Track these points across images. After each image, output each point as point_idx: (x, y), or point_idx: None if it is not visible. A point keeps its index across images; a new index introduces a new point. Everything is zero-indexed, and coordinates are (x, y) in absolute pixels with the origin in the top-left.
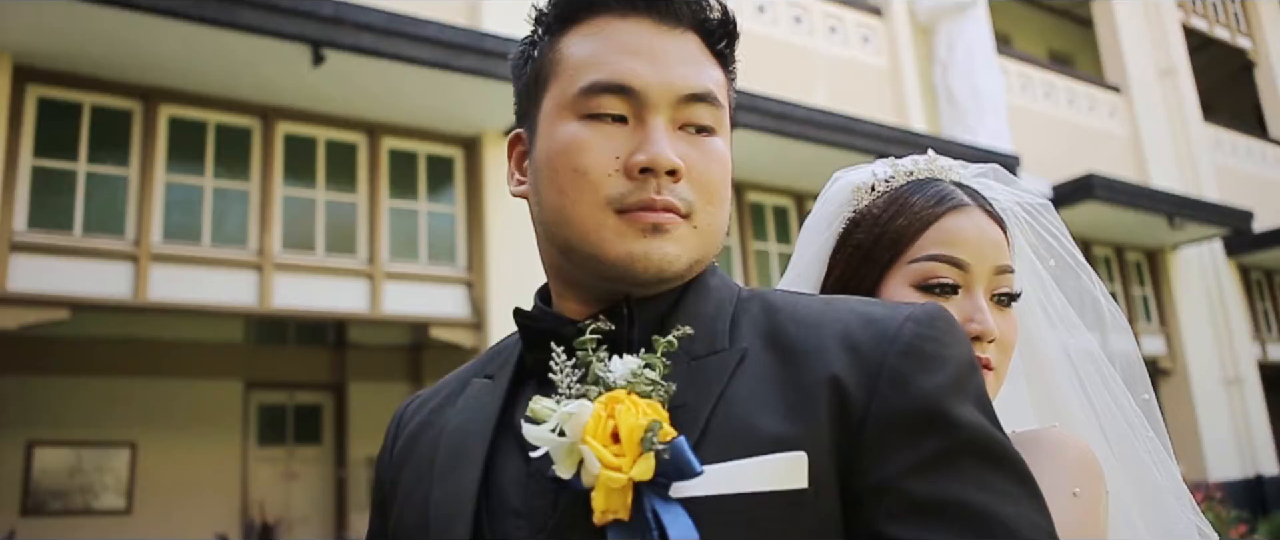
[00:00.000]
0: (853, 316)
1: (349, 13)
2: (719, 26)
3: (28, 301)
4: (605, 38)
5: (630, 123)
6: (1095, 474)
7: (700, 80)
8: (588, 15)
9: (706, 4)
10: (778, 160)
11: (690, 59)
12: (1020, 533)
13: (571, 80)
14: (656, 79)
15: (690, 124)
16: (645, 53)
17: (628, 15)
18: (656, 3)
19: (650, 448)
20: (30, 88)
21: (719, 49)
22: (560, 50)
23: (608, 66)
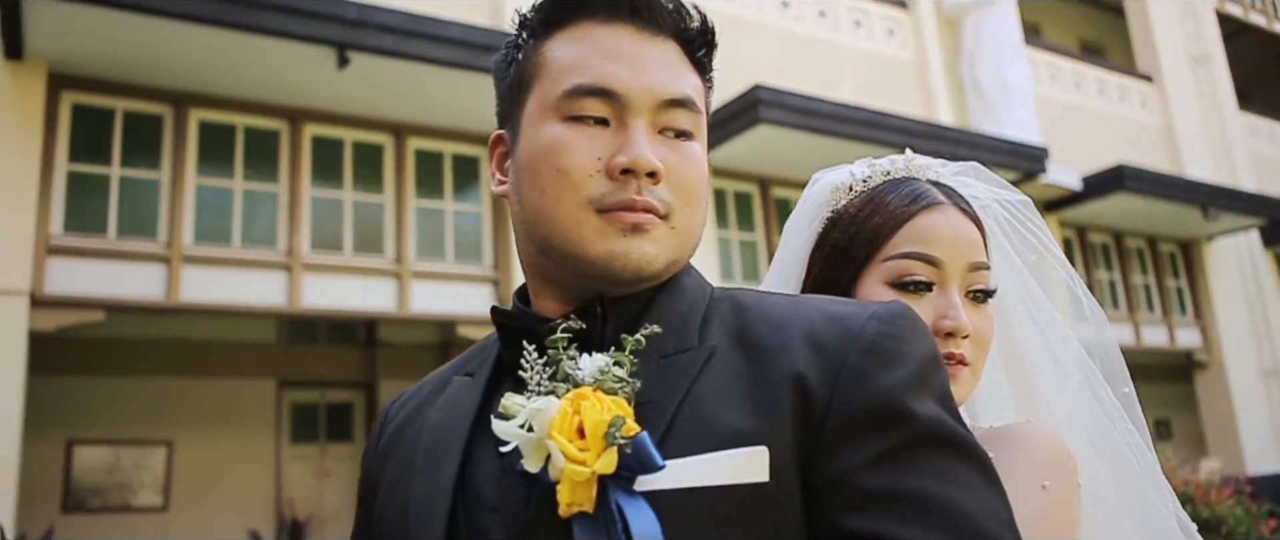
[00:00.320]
0: (819, 315)
1: (372, 15)
2: (698, 35)
3: (64, 304)
4: (589, 43)
5: (612, 125)
6: (1067, 467)
7: (680, 86)
8: (572, 20)
9: (686, 13)
10: (804, 155)
11: (670, 65)
12: (975, 519)
13: (555, 83)
14: (638, 84)
15: (669, 128)
16: (627, 58)
17: (610, 21)
18: (639, 10)
19: (613, 442)
20: (65, 94)
21: (698, 57)
22: (544, 54)
23: (591, 70)
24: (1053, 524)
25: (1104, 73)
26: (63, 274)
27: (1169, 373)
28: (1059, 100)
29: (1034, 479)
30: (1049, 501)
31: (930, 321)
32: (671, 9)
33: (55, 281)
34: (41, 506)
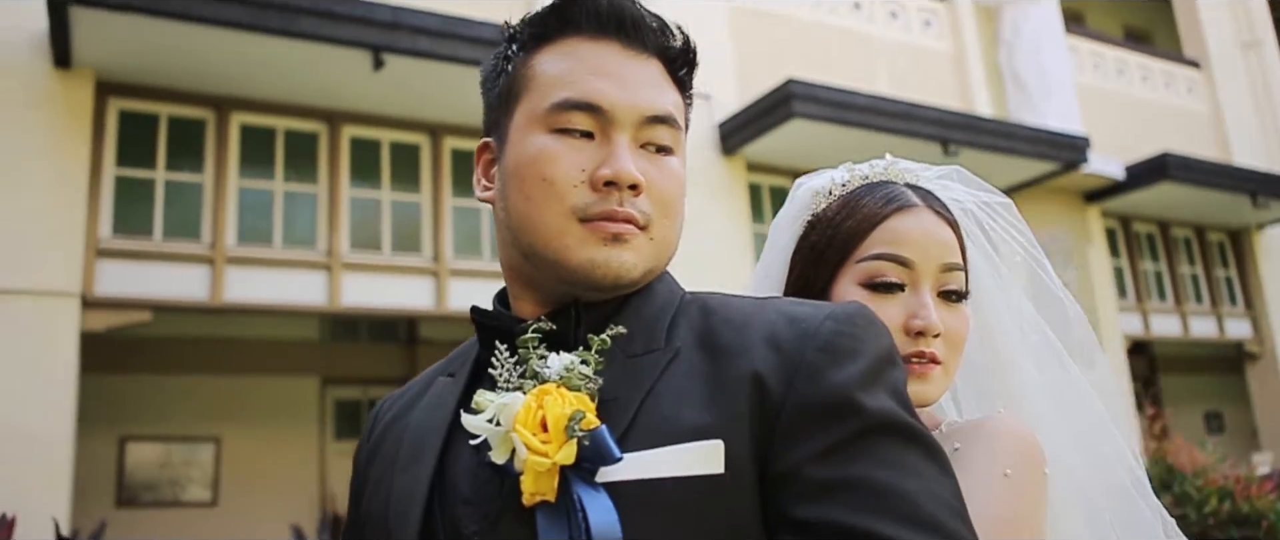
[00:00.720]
0: (779, 317)
1: (406, 17)
2: (680, 54)
3: (113, 304)
4: (577, 58)
5: (596, 139)
6: (1029, 456)
7: (662, 103)
8: (560, 35)
9: (670, 33)
10: (839, 148)
11: (654, 83)
12: (920, 504)
13: (543, 96)
14: (623, 100)
15: (651, 143)
16: (613, 75)
17: (598, 39)
18: (625, 29)
19: (573, 435)
20: (111, 101)
21: (680, 76)
22: (533, 67)
23: (578, 85)
24: (1014, 511)
25: (1148, 60)
26: (111, 276)
27: (1219, 364)
28: (1101, 89)
29: (995, 468)
30: (1010, 489)
31: (901, 320)
32: (656, 28)
33: (104, 283)
34: (96, 501)
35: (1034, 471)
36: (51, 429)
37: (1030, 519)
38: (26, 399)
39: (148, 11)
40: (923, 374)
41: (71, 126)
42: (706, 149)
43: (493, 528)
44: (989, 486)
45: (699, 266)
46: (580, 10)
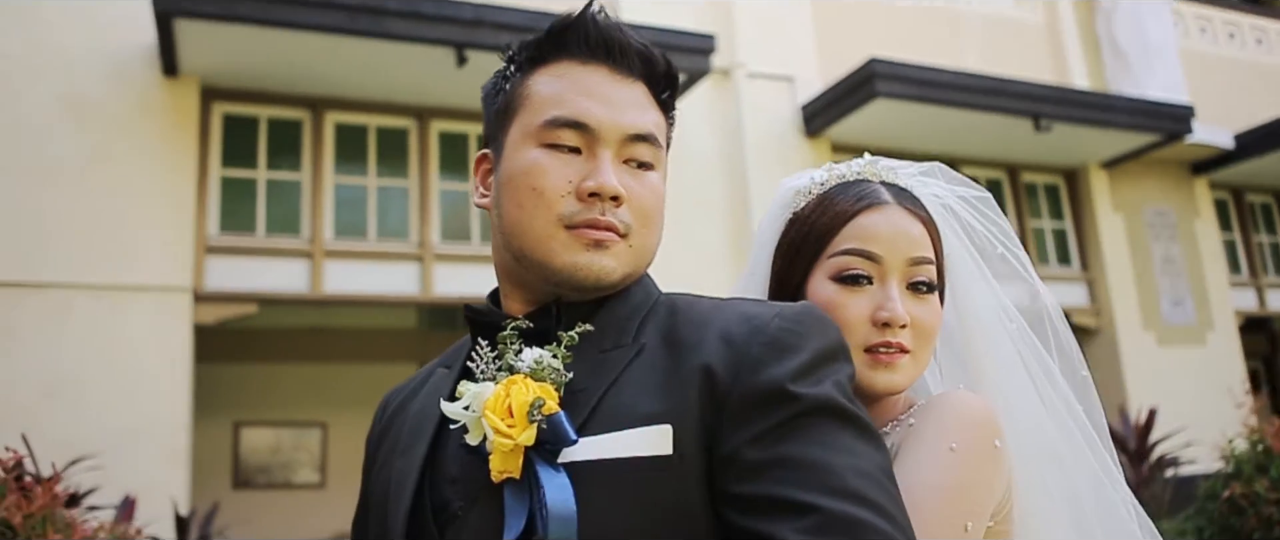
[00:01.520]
0: (735, 315)
1: (488, 14)
2: (663, 78)
3: (222, 298)
4: (569, 80)
5: (583, 154)
6: (976, 429)
7: (645, 123)
8: (555, 58)
9: (654, 59)
10: (928, 127)
11: (638, 104)
12: (842, 475)
13: (536, 113)
14: (609, 119)
15: (633, 159)
16: (600, 96)
17: (588, 62)
18: (613, 54)
19: (534, 419)
20: (215, 105)
21: (662, 98)
22: (529, 86)
23: (569, 105)
24: (957, 480)
25: (1264, 21)
26: (219, 271)
27: None
28: (1209, 54)
29: (943, 442)
30: (955, 461)
31: (869, 312)
32: (641, 55)
33: (213, 278)
34: (214, 483)
35: (980, 445)
36: (170, 416)
37: (973, 488)
38: (146, 389)
39: (246, 20)
40: (889, 363)
41: (180, 131)
42: (790, 131)
43: (474, 503)
44: (936, 459)
45: None
46: (573, 36)
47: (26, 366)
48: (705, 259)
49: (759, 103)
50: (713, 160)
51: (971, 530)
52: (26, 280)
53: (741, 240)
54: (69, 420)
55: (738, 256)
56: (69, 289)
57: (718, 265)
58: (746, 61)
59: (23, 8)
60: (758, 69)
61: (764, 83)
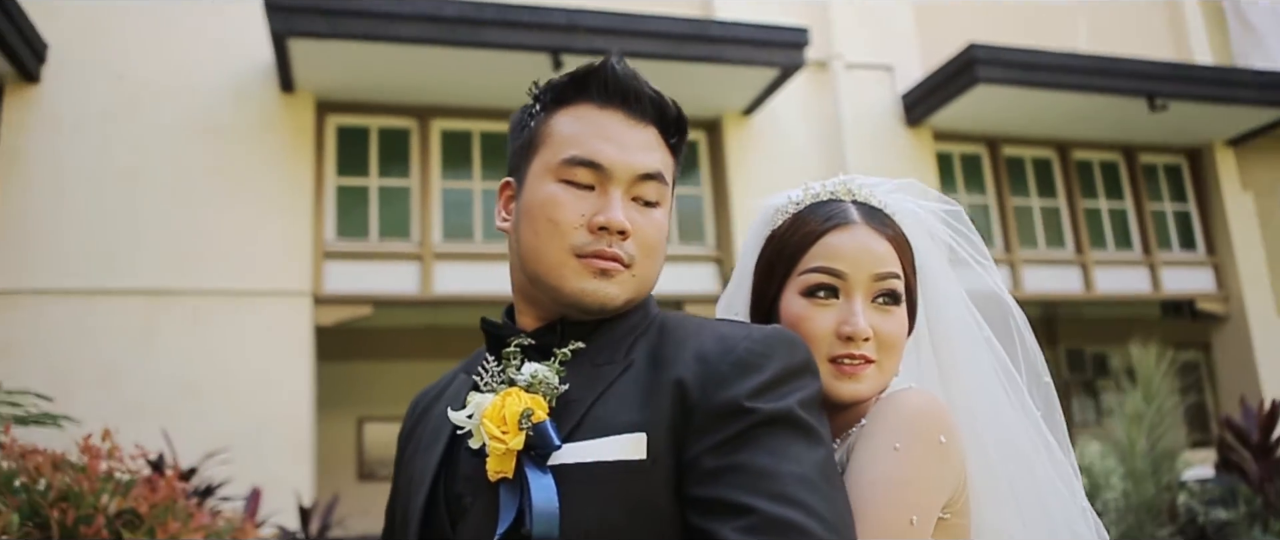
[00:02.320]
0: (712, 336)
1: (581, 19)
2: (673, 123)
3: (339, 300)
4: (587, 122)
5: (596, 190)
6: (919, 428)
7: (652, 164)
8: (576, 101)
9: (665, 106)
10: (1037, 110)
11: (648, 147)
12: (784, 481)
13: (556, 151)
14: (620, 160)
15: (640, 197)
16: (614, 139)
17: (606, 107)
18: (628, 100)
19: (523, 427)
20: (329, 118)
21: (672, 141)
22: (552, 125)
23: (585, 145)
24: (902, 475)
25: None
26: (336, 275)
27: None
28: None
29: (888, 441)
30: (899, 460)
31: (834, 326)
32: (654, 102)
33: (331, 281)
34: (339, 476)
35: (923, 442)
36: (294, 412)
37: (917, 483)
38: (271, 387)
39: (353, 37)
40: (853, 374)
41: (297, 144)
42: (890, 121)
43: (480, 499)
44: (881, 457)
45: None
46: (593, 82)
47: (167, 368)
48: None
49: (858, 93)
50: (811, 154)
51: (918, 524)
52: (166, 288)
53: None
54: (204, 417)
55: None
56: (202, 295)
57: None
58: (843, 52)
59: (158, 40)
60: (856, 59)
61: (862, 73)
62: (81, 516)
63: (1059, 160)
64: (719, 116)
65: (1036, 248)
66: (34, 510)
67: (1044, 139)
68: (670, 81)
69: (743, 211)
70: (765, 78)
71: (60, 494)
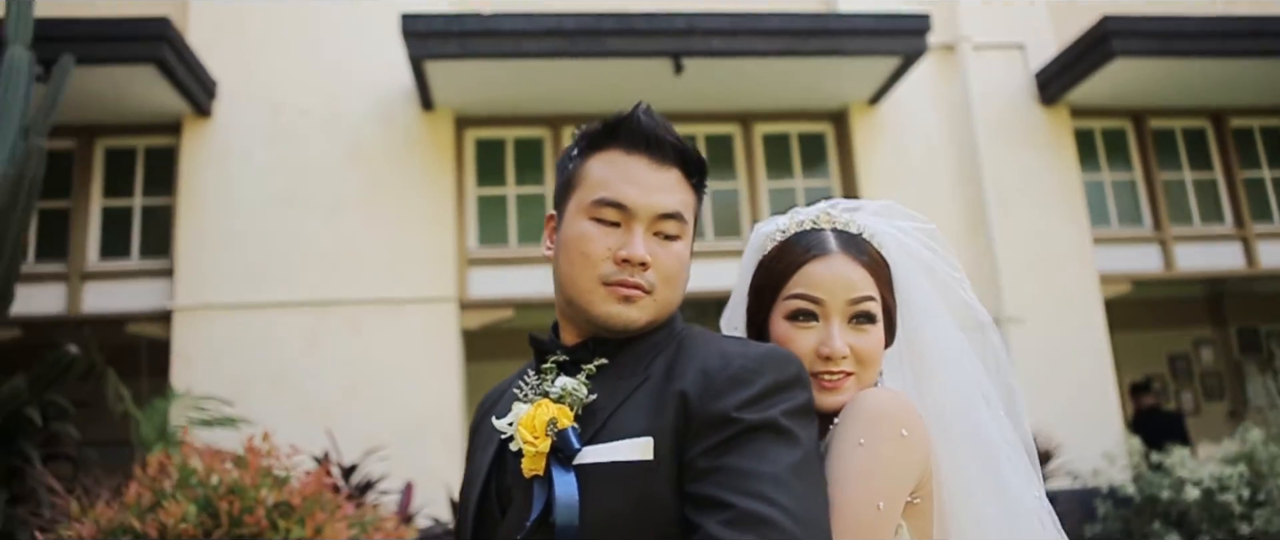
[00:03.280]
0: (715, 352)
1: (699, 22)
2: (694, 165)
3: (483, 305)
4: (615, 167)
5: (622, 227)
6: (882, 424)
7: (672, 204)
8: (607, 147)
9: (685, 151)
10: (1179, 81)
11: (669, 188)
12: (759, 481)
13: (589, 192)
14: (642, 201)
15: (661, 232)
16: (638, 182)
17: (631, 152)
18: (652, 147)
19: (549, 433)
20: (467, 132)
21: (693, 181)
22: (586, 168)
23: (612, 188)
24: (866, 468)
25: None
26: (479, 281)
27: None
28: None
29: (854, 438)
30: (863, 454)
31: (814, 346)
32: (674, 147)
33: (475, 287)
34: None
35: (885, 437)
36: (445, 411)
37: (880, 474)
38: (422, 388)
39: (484, 56)
40: (833, 388)
41: (439, 158)
42: (1024, 102)
43: (520, 492)
44: (848, 452)
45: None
46: (621, 131)
47: (329, 372)
48: None
49: (988, 75)
50: (940, 140)
51: (884, 508)
52: (326, 299)
53: (975, 220)
54: (364, 417)
55: (973, 236)
56: (359, 304)
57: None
58: (971, 34)
59: (308, 73)
60: (984, 40)
61: (992, 53)
62: (245, 507)
63: (1213, 130)
64: (845, 107)
65: (1191, 223)
66: (207, 502)
67: (1195, 108)
68: (791, 76)
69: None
70: (888, 66)
71: (228, 488)
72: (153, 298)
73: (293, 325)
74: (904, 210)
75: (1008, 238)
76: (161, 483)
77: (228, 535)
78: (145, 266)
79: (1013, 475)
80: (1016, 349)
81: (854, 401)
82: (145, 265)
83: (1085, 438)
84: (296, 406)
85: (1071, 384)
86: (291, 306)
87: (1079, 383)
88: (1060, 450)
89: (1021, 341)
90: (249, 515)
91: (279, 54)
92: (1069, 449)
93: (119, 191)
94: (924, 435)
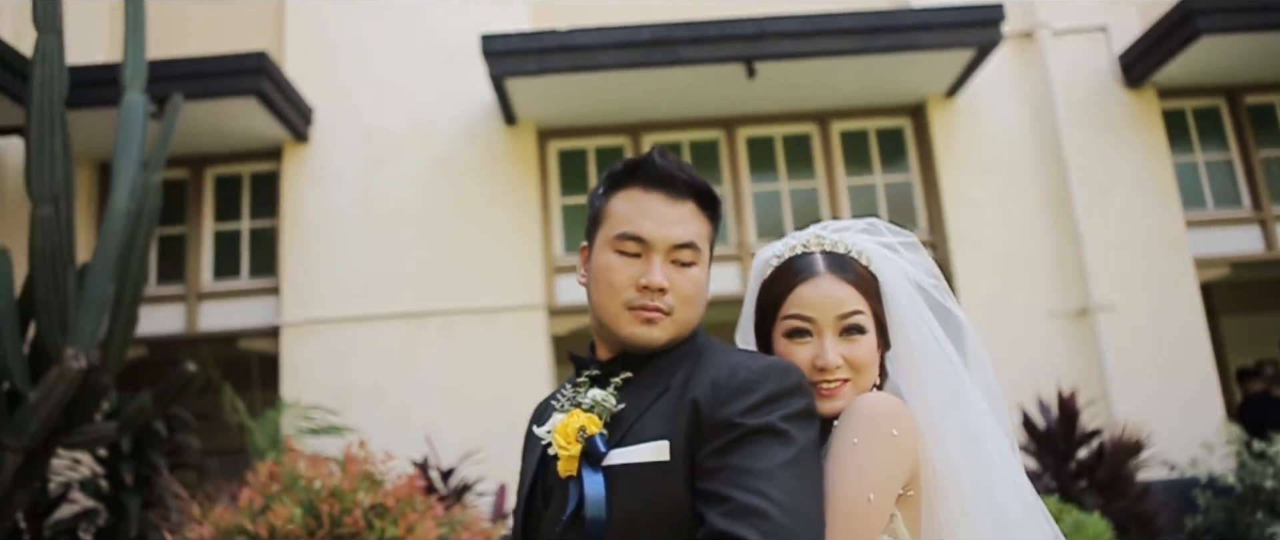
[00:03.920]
0: (726, 364)
1: (769, 25)
2: (707, 198)
3: (570, 311)
4: (634, 204)
5: (642, 257)
6: (874, 425)
7: (687, 235)
8: (628, 186)
9: (698, 186)
10: (1271, 58)
11: (684, 220)
12: (756, 478)
13: (612, 227)
14: (659, 234)
15: (678, 260)
16: (655, 217)
17: (650, 190)
18: (666, 185)
19: (580, 439)
20: (550, 144)
21: (708, 212)
22: (610, 205)
23: (632, 224)
24: (860, 466)
25: None
26: (566, 288)
27: None
28: None
29: (848, 437)
30: (856, 452)
31: (810, 359)
32: (687, 183)
33: (562, 294)
34: None
35: (876, 436)
36: None
37: (872, 469)
38: (514, 392)
39: (562, 71)
40: (830, 394)
41: (524, 171)
42: (1108, 85)
43: (558, 490)
44: (844, 451)
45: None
46: (640, 172)
47: (426, 380)
48: (1021, 231)
49: (1069, 60)
50: (1022, 128)
51: (875, 500)
52: (421, 310)
53: (1060, 208)
54: (461, 422)
55: (1058, 224)
56: (452, 314)
57: (1036, 235)
58: (1049, 20)
59: (396, 96)
60: (1064, 25)
61: (1073, 38)
62: (344, 509)
63: None
64: (922, 100)
65: None
66: (311, 505)
67: None
68: (865, 73)
69: (955, 194)
70: (964, 58)
71: (329, 491)
72: (262, 315)
73: (391, 336)
74: (887, 226)
75: (1095, 224)
76: (271, 487)
77: (329, 535)
78: (254, 285)
79: (995, 456)
80: (1107, 337)
81: (851, 405)
82: (254, 284)
83: (1182, 426)
84: (396, 413)
85: (1167, 371)
86: (389, 318)
87: (1174, 370)
88: (1153, 439)
89: (1112, 329)
90: (347, 516)
91: (368, 79)
92: (1164, 438)
93: (228, 216)
94: (914, 434)
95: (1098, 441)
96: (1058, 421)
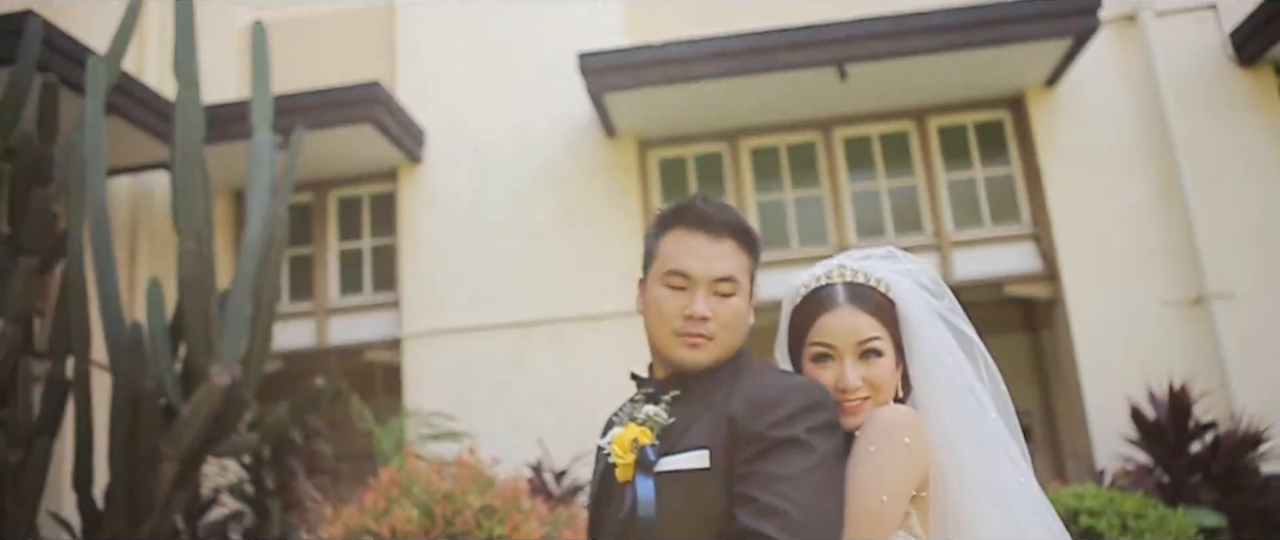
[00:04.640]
0: (760, 383)
1: (859, 28)
2: (745, 237)
3: None
4: (680, 243)
5: (687, 290)
6: (889, 435)
7: (726, 269)
8: (674, 227)
9: (737, 226)
10: None
11: (724, 256)
12: (779, 482)
13: (662, 264)
14: (702, 270)
15: (719, 292)
16: (698, 255)
17: (694, 231)
18: (707, 226)
19: (634, 450)
20: (650, 153)
21: (747, 248)
22: (660, 244)
23: (678, 261)
24: (875, 473)
25: None
26: None
27: None
28: None
29: (865, 447)
30: (872, 460)
31: (833, 382)
32: (726, 224)
33: None
34: None
35: (890, 445)
36: None
37: (886, 475)
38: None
39: (657, 83)
40: (852, 411)
41: (624, 181)
42: (1219, 65)
43: (618, 493)
44: (862, 458)
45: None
46: (685, 215)
47: (539, 386)
48: (1129, 219)
49: (1175, 41)
50: (1126, 116)
51: (888, 501)
52: (532, 319)
53: (1170, 195)
54: (572, 425)
55: (1168, 211)
56: (561, 322)
57: (1145, 223)
58: (1153, 1)
59: (500, 114)
60: (1168, 4)
61: (1179, 18)
62: (455, 510)
63: None
64: (1020, 92)
65: None
66: (426, 506)
67: None
68: (959, 68)
69: (1058, 185)
70: (1061, 47)
71: (443, 494)
72: (384, 328)
73: (503, 345)
74: (904, 254)
75: (1208, 211)
76: (391, 491)
77: (443, 534)
78: (377, 300)
79: (1003, 459)
80: (1224, 326)
81: (870, 417)
82: (377, 299)
83: None
84: (512, 418)
85: None
86: (502, 328)
87: None
88: (1276, 431)
89: (1230, 317)
90: (459, 517)
91: (474, 100)
92: None
93: (350, 235)
94: (925, 441)
95: (1213, 434)
96: (1168, 414)
